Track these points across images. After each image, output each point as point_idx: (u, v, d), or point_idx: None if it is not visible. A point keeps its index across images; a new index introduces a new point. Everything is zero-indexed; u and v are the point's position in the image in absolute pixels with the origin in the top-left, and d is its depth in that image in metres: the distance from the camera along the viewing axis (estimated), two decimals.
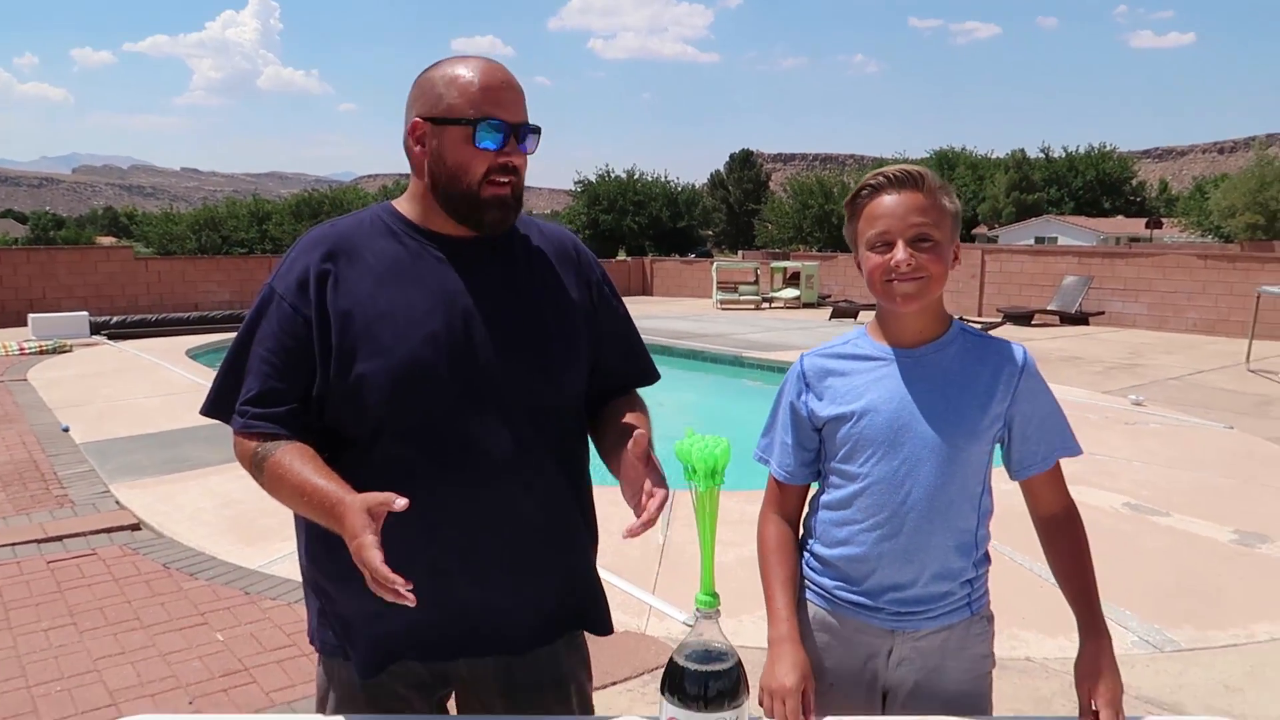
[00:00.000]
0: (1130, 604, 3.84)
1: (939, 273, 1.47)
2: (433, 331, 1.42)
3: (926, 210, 1.46)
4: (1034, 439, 1.55)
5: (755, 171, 75.52)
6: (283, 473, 1.37)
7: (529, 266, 1.54)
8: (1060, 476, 1.59)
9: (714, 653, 1.17)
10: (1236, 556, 4.44)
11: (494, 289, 1.48)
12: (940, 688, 1.57)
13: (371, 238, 1.48)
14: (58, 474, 5.97)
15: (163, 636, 3.59)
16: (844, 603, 1.58)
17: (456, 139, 1.41)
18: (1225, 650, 3.49)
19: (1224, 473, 5.97)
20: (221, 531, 4.80)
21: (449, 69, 1.44)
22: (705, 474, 1.12)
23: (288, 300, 1.43)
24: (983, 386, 1.52)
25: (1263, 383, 9.62)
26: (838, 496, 1.57)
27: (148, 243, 54.90)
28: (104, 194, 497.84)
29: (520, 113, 1.44)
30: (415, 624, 1.45)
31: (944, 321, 1.56)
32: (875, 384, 1.54)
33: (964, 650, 1.57)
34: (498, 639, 1.51)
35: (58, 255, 17.30)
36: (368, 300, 1.42)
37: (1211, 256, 15.50)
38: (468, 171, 1.42)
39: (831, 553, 1.58)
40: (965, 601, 1.57)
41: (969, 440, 1.50)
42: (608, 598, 1.66)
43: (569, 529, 1.56)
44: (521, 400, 1.46)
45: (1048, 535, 1.61)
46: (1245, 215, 43.34)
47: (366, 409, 1.40)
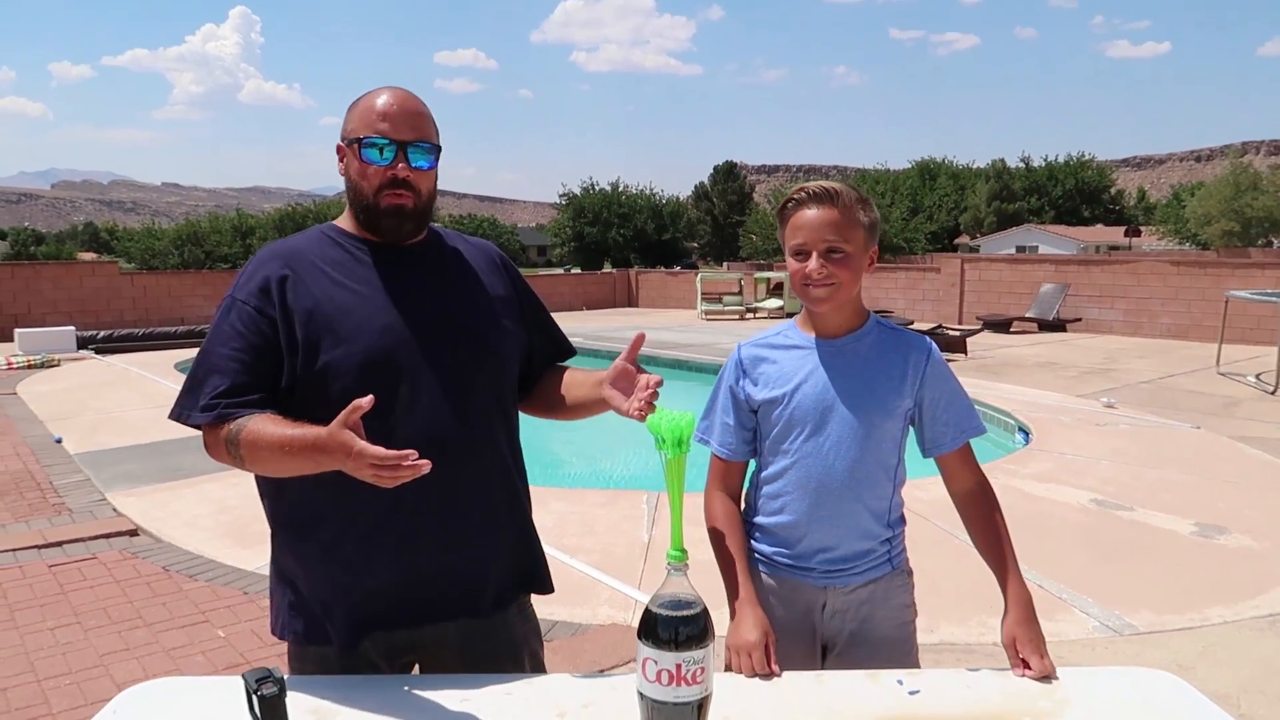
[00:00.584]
0: (1092, 592, 4.03)
1: (848, 279, 1.69)
2: (388, 324, 1.61)
3: (839, 226, 1.67)
4: (942, 419, 1.77)
5: (739, 183, 75.93)
6: (257, 438, 1.47)
7: (459, 268, 1.76)
8: (970, 454, 1.82)
9: (683, 601, 1.34)
10: (1195, 547, 4.65)
11: (431, 287, 1.69)
12: (871, 636, 1.80)
13: (320, 248, 1.68)
14: (53, 483, 6.09)
15: (166, 634, 3.73)
16: (782, 565, 1.81)
17: (353, 156, 1.62)
18: (1180, 633, 3.68)
19: (1188, 469, 6.19)
20: (218, 536, 4.93)
21: (364, 97, 1.65)
22: (673, 443, 1.30)
23: (250, 304, 1.59)
24: (895, 371, 1.76)
25: (1231, 385, 9.88)
26: (772, 471, 1.80)
27: (129, 258, 54.71)
28: (84, 209, 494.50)
29: (410, 132, 1.60)
30: (387, 595, 1.63)
31: (862, 316, 1.79)
32: (802, 370, 1.76)
33: (888, 600, 1.81)
34: (461, 604, 1.68)
35: (42, 270, 17.34)
36: (325, 299, 1.60)
37: (1184, 263, 15.82)
38: (363, 184, 1.62)
39: (769, 521, 1.81)
40: (886, 558, 1.81)
41: (884, 418, 1.74)
42: (595, 593, 1.87)
43: (514, 496, 1.77)
44: (469, 384, 1.66)
45: (965, 509, 1.82)
46: (1221, 222, 43.98)
47: (332, 395, 1.55)
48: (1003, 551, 1.75)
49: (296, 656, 1.73)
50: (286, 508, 1.66)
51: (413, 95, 1.64)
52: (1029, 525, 4.96)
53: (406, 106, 1.62)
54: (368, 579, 1.63)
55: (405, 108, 1.61)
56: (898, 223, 46.61)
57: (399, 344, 1.60)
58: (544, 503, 5.20)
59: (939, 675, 1.70)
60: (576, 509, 5.31)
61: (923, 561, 2.16)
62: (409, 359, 1.60)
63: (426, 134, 1.63)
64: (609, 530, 4.92)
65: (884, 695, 1.55)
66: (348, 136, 1.63)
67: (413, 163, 1.61)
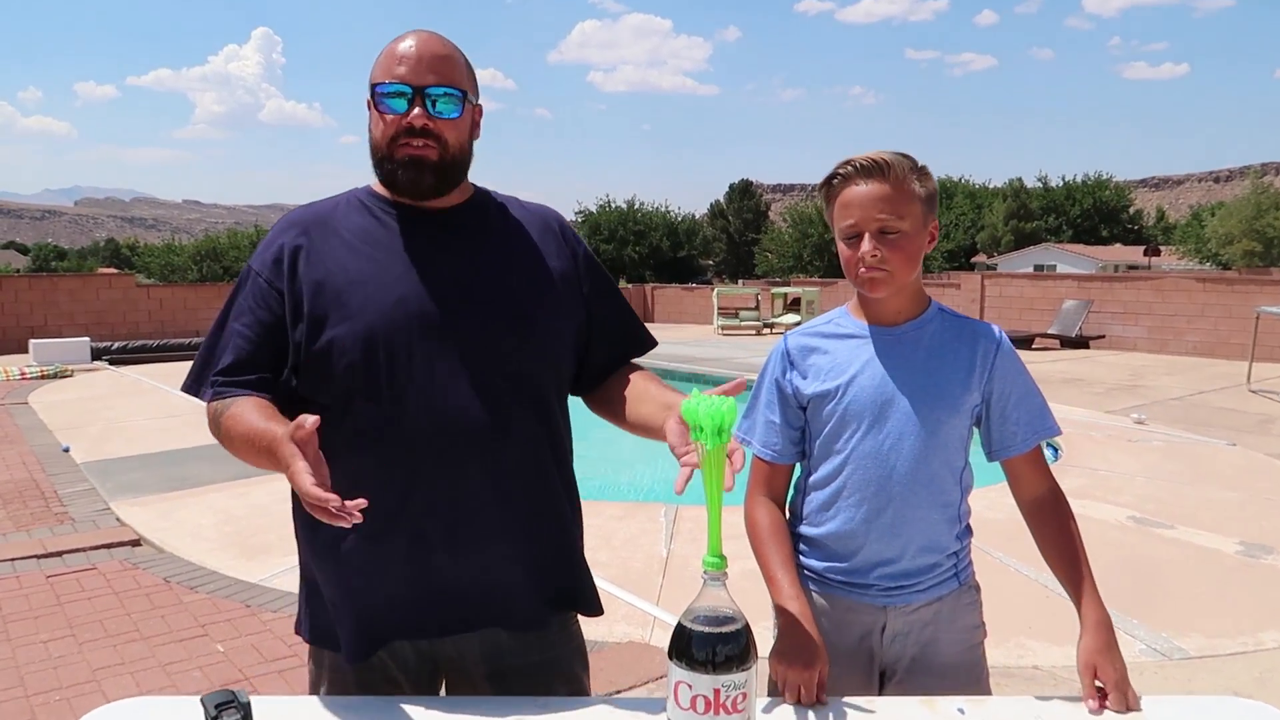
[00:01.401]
0: (1137, 613, 3.82)
1: (903, 262, 1.48)
2: (402, 296, 1.42)
3: (892, 201, 1.46)
4: (1012, 418, 1.56)
5: (755, 201, 75.91)
6: (232, 424, 1.37)
7: (504, 236, 1.54)
8: (1042, 458, 1.60)
9: (722, 616, 1.16)
10: (1242, 568, 4.42)
11: (467, 257, 1.49)
12: (935, 661, 1.57)
13: (346, 214, 1.51)
14: (58, 492, 5.95)
15: (163, 648, 3.56)
16: (835, 583, 1.58)
17: (372, 108, 1.45)
18: (1233, 658, 3.46)
19: (1228, 487, 5.94)
20: (222, 547, 4.78)
21: (389, 44, 1.46)
22: (712, 432, 1.12)
23: (263, 276, 1.46)
24: (962, 362, 1.54)
25: (1264, 402, 9.61)
26: (824, 474, 1.58)
27: (149, 274, 55.14)
28: (106, 226, 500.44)
29: (430, 76, 1.41)
30: (398, 600, 1.45)
31: (923, 302, 1.58)
32: (857, 361, 1.55)
33: (955, 621, 1.58)
34: (484, 614, 1.48)
35: (60, 283, 17.34)
36: (339, 270, 1.44)
37: (1210, 280, 15.54)
38: (378, 135, 1.45)
39: (819, 531, 1.59)
40: (953, 572, 1.59)
41: (950, 414, 1.52)
42: (612, 609, 1.65)
43: (550, 502, 1.53)
44: (497, 365, 1.45)
45: (1035, 519, 1.60)
46: (1243, 243, 43.55)
47: (337, 373, 1.40)
48: (1079, 567, 1.53)
49: (313, 658, 1.58)
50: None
51: (438, 36, 1.45)
52: None
53: (429, 48, 1.43)
54: (379, 584, 1.44)
55: (427, 49, 1.42)
56: None
57: (414, 318, 1.41)
58: None
59: (1003, 704, 1.51)
60: (592, 521, 5.10)
61: None
62: (425, 335, 1.41)
63: (452, 78, 1.43)
64: (626, 544, 4.74)
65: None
66: (370, 86, 1.45)
67: (434, 110, 1.42)
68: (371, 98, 1.44)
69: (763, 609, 1.57)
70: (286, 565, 4.43)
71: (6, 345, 15.67)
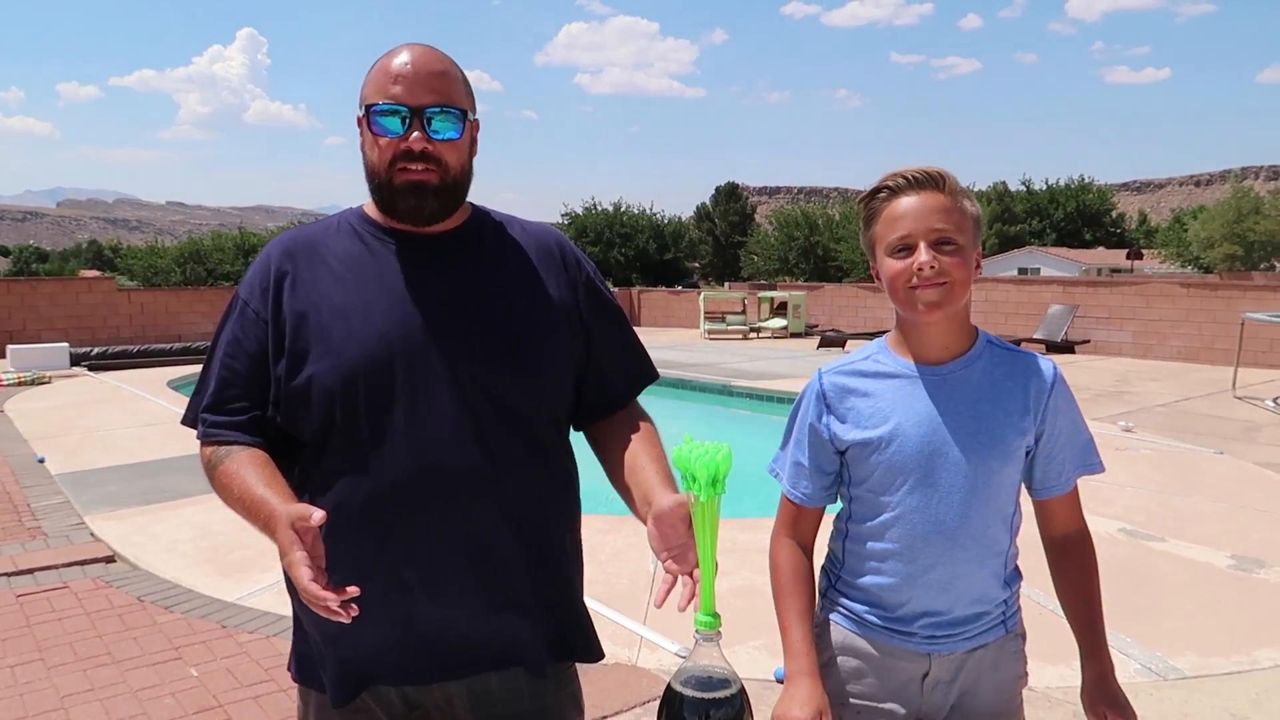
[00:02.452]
0: (1131, 631, 3.76)
1: (962, 278, 1.37)
2: (385, 330, 1.35)
3: (949, 212, 1.37)
4: (1059, 458, 1.47)
5: (741, 204, 76.02)
6: (229, 482, 1.33)
7: (501, 261, 1.46)
8: (1077, 497, 1.53)
9: (716, 679, 1.09)
10: (1235, 581, 4.38)
11: (459, 285, 1.41)
12: (975, 708, 1.50)
13: (336, 239, 1.44)
14: (31, 505, 5.82)
15: (134, 672, 3.45)
16: (876, 626, 1.49)
17: (365, 129, 1.38)
18: (1230, 678, 3.40)
19: (1216, 497, 5.92)
20: (199, 563, 4.67)
21: (382, 59, 1.38)
22: (706, 482, 1.04)
23: (251, 305, 1.40)
24: (1015, 405, 1.43)
25: (1249, 409, 9.62)
26: (870, 526, 1.48)
27: (132, 276, 54.67)
28: (88, 228, 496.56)
29: (429, 95, 1.34)
30: (380, 644, 1.38)
31: (970, 334, 1.46)
32: (902, 406, 1.44)
33: (998, 669, 1.51)
34: (472, 662, 1.41)
35: (39, 287, 17.12)
36: (323, 300, 1.37)
37: (1194, 285, 15.59)
38: (374, 160, 1.37)
39: (863, 580, 1.49)
40: (1000, 620, 1.51)
41: (1004, 463, 1.43)
42: (597, 627, 1.56)
43: (547, 545, 1.45)
44: (487, 403, 1.37)
45: (1058, 558, 1.54)
46: (1224, 246, 43.96)
47: (316, 411, 1.34)
48: (1094, 612, 1.48)
49: (301, 696, 1.51)
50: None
51: (435, 51, 1.37)
52: None
53: (426, 64, 1.35)
54: (357, 630, 1.33)
55: (424, 66, 1.35)
56: None
57: (398, 353, 1.34)
58: None
59: None
60: None
61: None
62: (410, 371, 1.34)
63: (451, 97, 1.36)
64: (613, 559, 4.66)
65: None
66: (362, 104, 1.38)
67: (434, 132, 1.35)
68: (365, 117, 1.36)
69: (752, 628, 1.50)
70: (264, 583, 4.32)
71: None
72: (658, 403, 1.74)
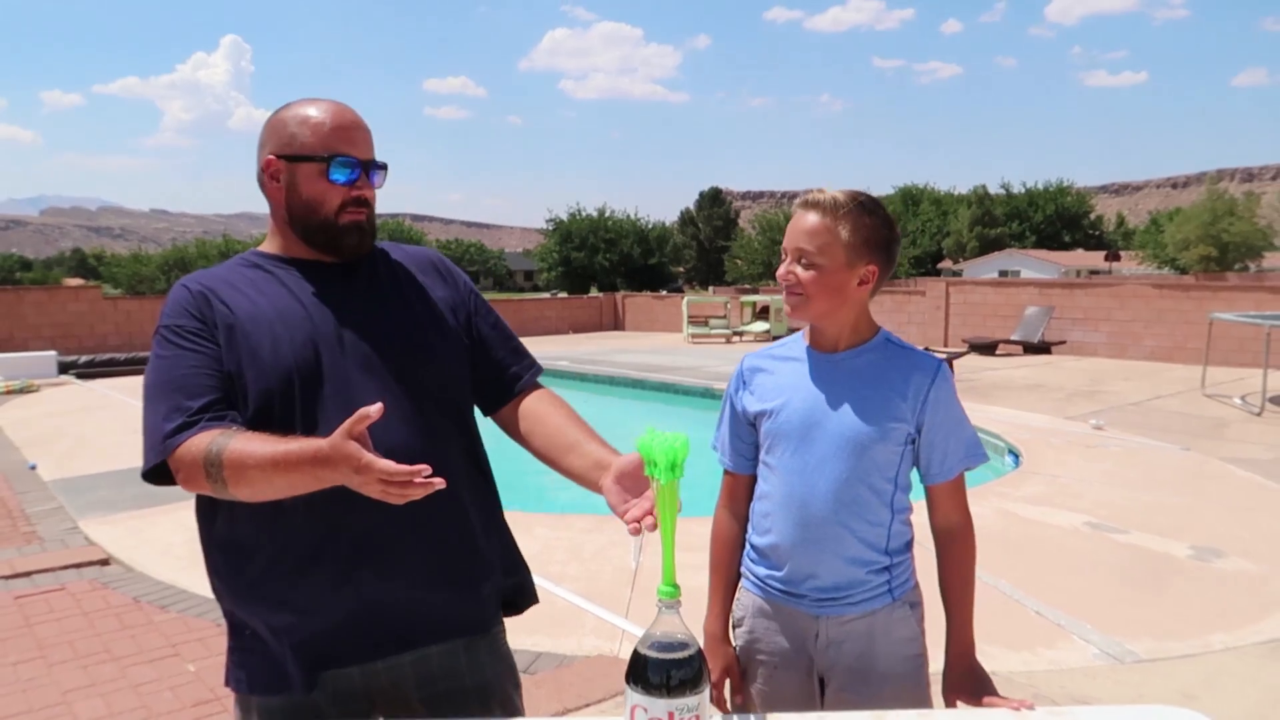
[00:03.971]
0: (1091, 617, 3.94)
1: (815, 293, 1.60)
2: (310, 332, 1.50)
3: (817, 234, 1.59)
4: (940, 448, 1.66)
5: (724, 209, 76.33)
6: (244, 456, 1.33)
7: (393, 279, 1.65)
8: (962, 489, 1.71)
9: (676, 643, 1.23)
10: (1192, 570, 4.57)
11: (362, 300, 1.58)
12: (872, 671, 1.67)
13: (239, 272, 1.58)
14: (25, 511, 5.91)
15: (133, 668, 3.58)
16: (775, 590, 1.70)
17: (310, 174, 1.53)
18: (1183, 660, 3.58)
19: (1180, 492, 6.12)
20: (192, 565, 4.78)
21: (301, 110, 1.55)
22: (666, 467, 1.20)
23: (186, 325, 1.49)
24: (895, 391, 1.64)
25: (1217, 406, 9.86)
26: (763, 488, 1.71)
27: (116, 284, 54.35)
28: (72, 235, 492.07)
29: (369, 150, 1.57)
30: (333, 625, 1.49)
31: (868, 332, 1.69)
32: (794, 383, 1.68)
33: (889, 634, 1.68)
34: (417, 633, 1.54)
35: (25, 295, 17.10)
36: (246, 319, 1.50)
37: (1167, 286, 15.88)
38: (323, 204, 1.54)
39: (760, 541, 1.72)
40: (885, 589, 1.68)
41: (875, 440, 1.62)
42: (580, 622, 1.74)
43: (475, 516, 1.62)
44: (408, 394, 1.54)
45: (940, 545, 1.72)
46: (1199, 247, 44.50)
47: (254, 409, 1.46)
48: (963, 601, 1.69)
49: (239, 705, 1.57)
50: (215, 537, 1.53)
51: (353, 109, 1.58)
52: (1024, 549, 4.87)
53: (360, 123, 1.57)
54: (310, 615, 1.48)
55: (360, 124, 1.57)
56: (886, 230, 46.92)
57: (324, 353, 1.50)
58: (529, 528, 5.08)
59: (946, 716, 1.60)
60: (562, 535, 5.19)
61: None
62: (336, 368, 1.50)
63: (374, 150, 1.60)
64: (595, 557, 4.81)
65: None
66: (296, 153, 1.52)
67: (372, 181, 1.59)
68: (323, 165, 1.52)
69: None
70: None
71: None
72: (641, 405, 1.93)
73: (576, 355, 16.43)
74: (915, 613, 1.72)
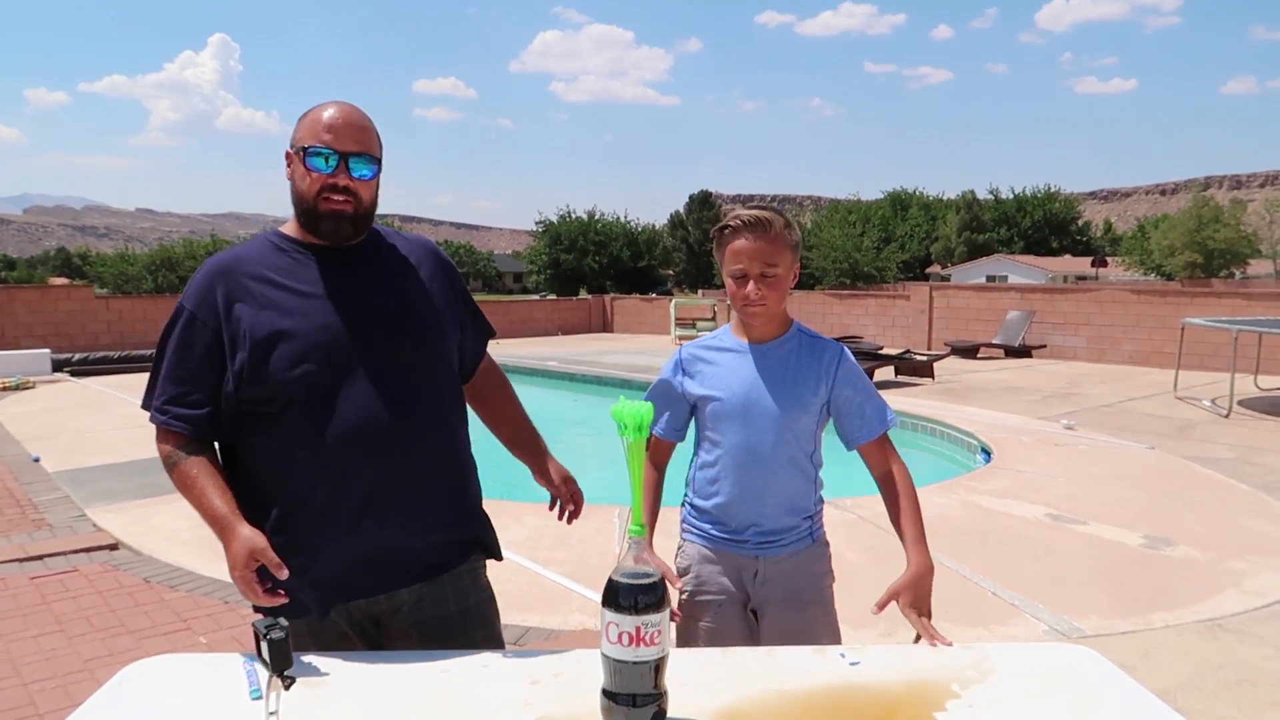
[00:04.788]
0: (1043, 599, 4.23)
1: (778, 297, 1.96)
2: (325, 321, 1.76)
3: (771, 252, 1.92)
4: (857, 414, 2.03)
5: (714, 212, 76.59)
6: (189, 482, 1.74)
7: (397, 265, 1.91)
8: (888, 441, 2.05)
9: (642, 572, 1.50)
10: (1143, 558, 4.86)
11: (371, 283, 1.85)
12: (797, 599, 2.04)
13: (261, 253, 1.84)
14: (33, 500, 6.14)
15: (149, 640, 3.82)
16: (719, 539, 2.06)
17: (298, 163, 1.77)
18: (1124, 636, 3.87)
19: (1139, 486, 6.42)
20: (198, 549, 5.02)
21: (314, 110, 1.81)
22: (634, 428, 1.47)
23: (199, 315, 1.77)
24: (812, 372, 2.02)
25: (1187, 408, 10.19)
26: (708, 459, 2.05)
27: (102, 283, 54.22)
28: (56, 234, 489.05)
29: (353, 144, 1.76)
30: (342, 568, 1.79)
31: (786, 324, 2.06)
32: (734, 371, 2.02)
33: (810, 568, 2.06)
34: (410, 571, 1.85)
35: (17, 294, 17.26)
36: (264, 299, 1.77)
37: (1145, 292, 16.23)
38: (306, 190, 1.76)
39: (706, 503, 2.06)
40: (808, 532, 2.07)
41: (801, 412, 2.00)
42: (566, 601, 2.04)
43: (457, 473, 1.93)
44: (412, 368, 1.82)
45: (884, 485, 2.05)
46: (1185, 254, 44.95)
47: (277, 387, 1.73)
48: (916, 523, 1.97)
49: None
50: (241, 488, 1.80)
51: (358, 109, 1.81)
52: (985, 538, 5.16)
53: (351, 120, 1.77)
54: (325, 557, 1.77)
55: (350, 121, 1.76)
56: (869, 252, 47.30)
57: (339, 339, 1.76)
58: (519, 517, 5.33)
59: (878, 649, 1.87)
60: (550, 523, 5.42)
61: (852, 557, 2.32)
62: (349, 352, 1.76)
63: (369, 146, 1.78)
64: (581, 543, 5.07)
65: (828, 666, 1.71)
66: (295, 145, 1.78)
67: (354, 172, 1.76)
68: (301, 154, 1.77)
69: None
70: None
71: None
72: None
73: (565, 356, 16.69)
74: (826, 551, 2.11)
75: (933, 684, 1.65)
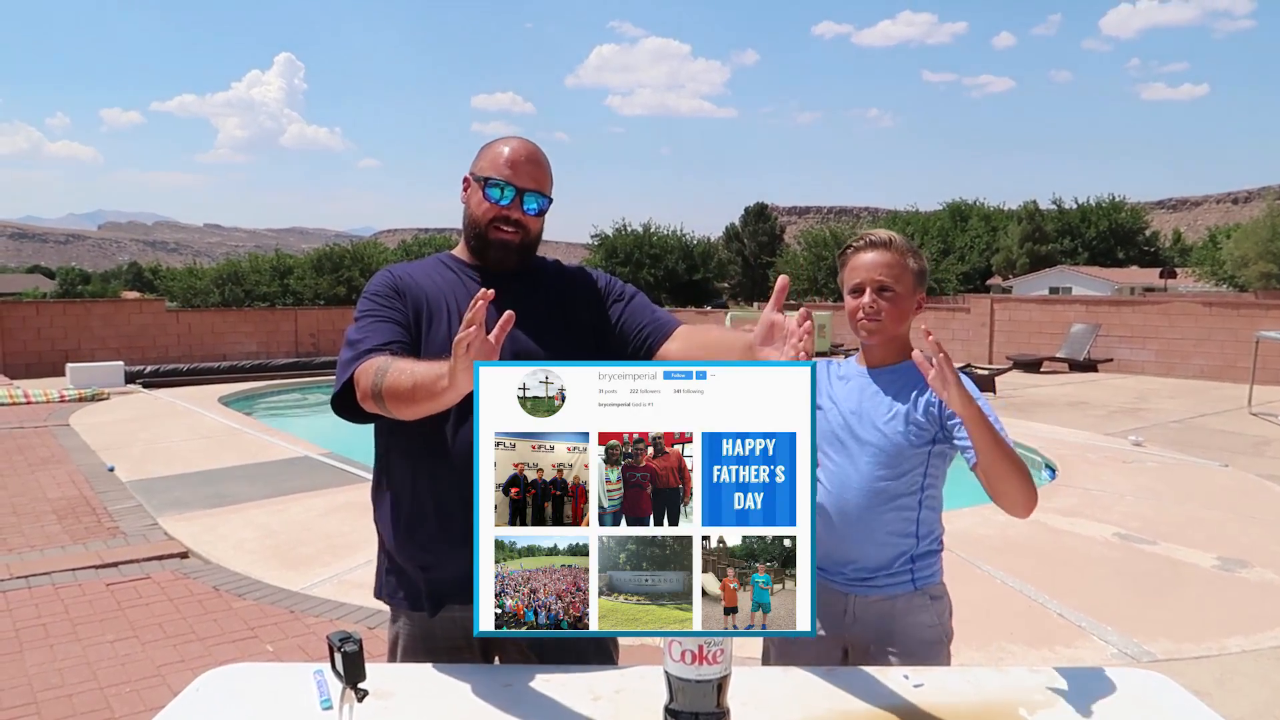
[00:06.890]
0: (1112, 621, 4.12)
1: (894, 316, 1.91)
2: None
3: (890, 267, 1.90)
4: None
5: (770, 224, 76.36)
6: (397, 377, 1.63)
7: (557, 294, 1.99)
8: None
9: None
10: (1217, 579, 4.71)
11: (530, 310, 1.88)
12: (893, 648, 1.92)
13: (431, 270, 1.97)
14: (108, 508, 6.35)
15: (218, 647, 3.93)
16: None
17: (477, 191, 1.90)
18: (1198, 661, 3.75)
19: (1213, 506, 6.22)
20: (265, 559, 5.15)
21: (497, 143, 1.92)
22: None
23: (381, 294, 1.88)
24: (922, 401, 1.90)
25: (1262, 425, 9.85)
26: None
27: (171, 296, 55.88)
28: (129, 250, 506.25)
29: (529, 181, 1.86)
30: (453, 575, 1.81)
31: (903, 354, 1.96)
32: (840, 394, 1.99)
33: (908, 618, 1.93)
34: None
35: (93, 308, 17.92)
36: (436, 308, 1.88)
37: (1216, 304, 15.78)
38: (479, 217, 1.89)
39: None
40: (909, 577, 1.93)
41: (906, 444, 1.89)
42: None
43: None
44: None
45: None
46: (1259, 264, 43.51)
47: None
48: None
49: (393, 616, 1.97)
50: (384, 483, 1.91)
51: (538, 148, 1.91)
52: (1050, 557, 5.05)
53: (531, 158, 1.88)
54: (443, 561, 1.83)
55: (530, 159, 1.88)
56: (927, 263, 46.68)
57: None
58: None
59: (942, 671, 1.85)
60: None
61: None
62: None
63: (543, 185, 1.90)
64: None
65: (892, 687, 1.69)
66: (477, 173, 1.90)
67: (526, 207, 1.88)
68: (481, 183, 1.88)
69: None
70: (326, 575, 4.79)
71: (41, 369, 16.21)
72: None
73: None
74: (935, 604, 1.97)
75: (999, 707, 1.62)
